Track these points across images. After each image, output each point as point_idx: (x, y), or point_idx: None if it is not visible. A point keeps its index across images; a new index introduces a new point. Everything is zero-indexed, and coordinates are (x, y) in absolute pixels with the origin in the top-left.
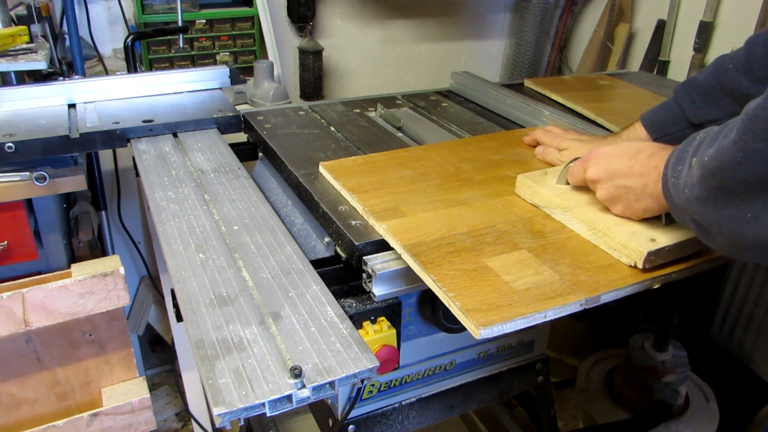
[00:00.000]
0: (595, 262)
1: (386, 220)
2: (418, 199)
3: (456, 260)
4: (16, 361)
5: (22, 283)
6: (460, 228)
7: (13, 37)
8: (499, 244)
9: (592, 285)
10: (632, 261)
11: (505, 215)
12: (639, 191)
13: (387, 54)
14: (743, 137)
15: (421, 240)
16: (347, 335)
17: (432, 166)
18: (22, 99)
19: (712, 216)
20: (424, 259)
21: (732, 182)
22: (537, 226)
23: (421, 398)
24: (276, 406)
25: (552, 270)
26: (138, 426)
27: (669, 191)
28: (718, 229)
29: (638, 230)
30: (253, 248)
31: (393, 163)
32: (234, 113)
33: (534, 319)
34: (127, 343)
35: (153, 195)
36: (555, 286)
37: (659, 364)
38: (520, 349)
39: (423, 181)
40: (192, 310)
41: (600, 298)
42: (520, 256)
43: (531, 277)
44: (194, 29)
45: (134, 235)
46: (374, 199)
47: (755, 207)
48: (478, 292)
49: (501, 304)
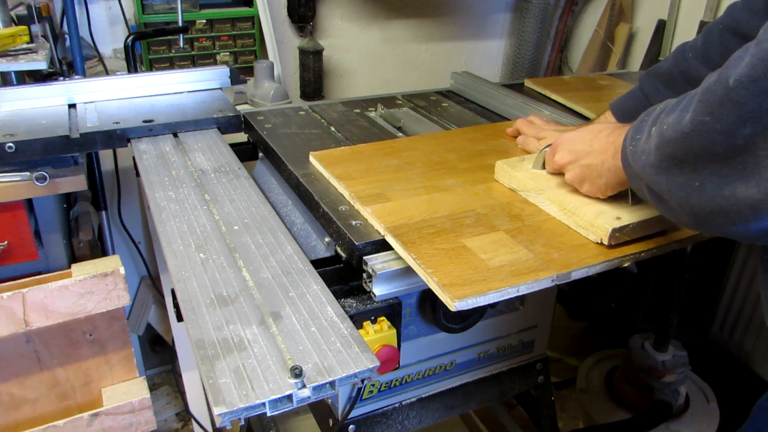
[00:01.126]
0: (568, 242)
1: (371, 205)
2: (402, 185)
3: (436, 240)
4: (17, 361)
5: (23, 283)
6: (441, 212)
7: (13, 37)
8: (478, 226)
9: (563, 262)
10: (599, 238)
11: (485, 200)
12: (599, 167)
13: (387, 54)
14: (696, 110)
15: (404, 222)
16: (348, 335)
17: (417, 155)
18: (22, 99)
19: (664, 183)
20: (405, 239)
21: (683, 152)
22: (514, 209)
23: (422, 398)
24: (276, 405)
25: (526, 249)
26: (138, 426)
27: (627, 161)
28: (669, 196)
29: (605, 209)
30: (254, 248)
31: (380, 153)
32: (234, 113)
33: (507, 293)
34: (127, 343)
35: (153, 195)
36: (528, 263)
37: (659, 364)
38: (520, 349)
39: (408, 169)
40: (192, 310)
41: (571, 275)
42: (496, 236)
43: (506, 256)
44: (194, 29)
45: (134, 235)
46: (361, 185)
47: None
48: (455, 269)
49: (476, 279)
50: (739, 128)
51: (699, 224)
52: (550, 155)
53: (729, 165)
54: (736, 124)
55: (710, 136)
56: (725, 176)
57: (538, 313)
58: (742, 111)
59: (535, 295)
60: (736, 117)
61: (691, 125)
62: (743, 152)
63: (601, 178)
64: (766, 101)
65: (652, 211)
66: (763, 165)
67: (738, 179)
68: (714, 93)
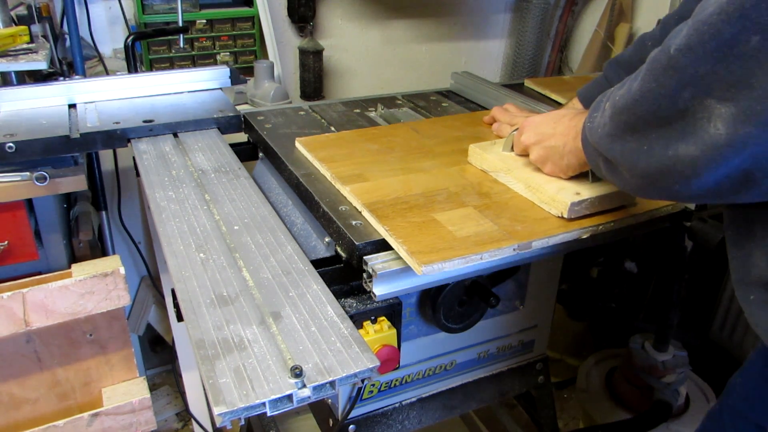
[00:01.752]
0: (531, 216)
1: (350, 184)
2: (381, 167)
3: (408, 215)
4: (17, 361)
5: (23, 283)
6: (416, 190)
7: (13, 37)
8: (449, 202)
9: (525, 234)
10: (559, 212)
11: (458, 180)
12: (561, 149)
13: (387, 54)
14: (643, 78)
15: (380, 199)
16: (348, 335)
17: (397, 141)
18: (22, 99)
19: (618, 150)
20: (380, 214)
21: (634, 117)
22: (484, 188)
23: (422, 398)
24: (276, 405)
25: (492, 222)
26: (138, 426)
27: (586, 137)
28: (621, 162)
29: (566, 186)
30: (254, 248)
31: (362, 139)
32: (234, 113)
33: (471, 260)
34: (127, 343)
35: (153, 195)
36: (493, 234)
37: (659, 364)
38: (520, 349)
39: (387, 153)
40: (192, 310)
41: (531, 245)
42: (465, 211)
43: (472, 228)
44: (194, 29)
45: (134, 235)
46: (342, 167)
47: (650, 140)
48: (424, 239)
49: (443, 247)
50: (679, 92)
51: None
52: (518, 137)
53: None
54: (677, 89)
55: (656, 101)
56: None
57: (538, 313)
58: (682, 76)
59: (535, 295)
60: (677, 82)
61: (639, 92)
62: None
63: (562, 159)
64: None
65: (610, 188)
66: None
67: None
68: (659, 62)
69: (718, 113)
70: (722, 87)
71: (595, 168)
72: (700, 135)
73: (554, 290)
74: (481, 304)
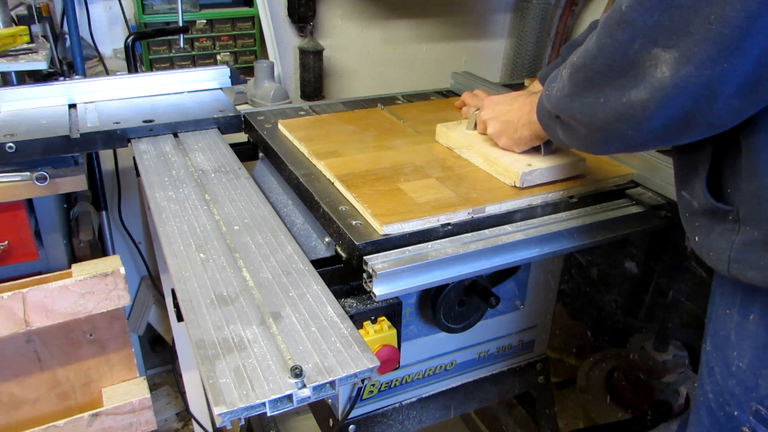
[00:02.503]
0: (488, 186)
1: (324, 159)
2: (355, 145)
3: (375, 184)
4: (17, 361)
5: (23, 283)
6: (385, 164)
7: (13, 37)
8: (414, 174)
9: (480, 200)
10: (513, 181)
11: (425, 156)
12: (516, 123)
13: (387, 54)
14: (599, 35)
15: (351, 172)
16: (348, 335)
17: (373, 123)
18: (22, 99)
19: (577, 107)
20: (350, 183)
21: (591, 73)
22: (448, 163)
23: (422, 398)
24: (276, 405)
25: (451, 191)
26: (138, 426)
27: (543, 107)
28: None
29: (520, 159)
30: (254, 248)
31: (340, 121)
32: (234, 113)
33: (428, 221)
34: (127, 343)
35: (153, 195)
36: (450, 200)
37: (659, 364)
38: (520, 349)
39: (362, 133)
40: (192, 310)
41: (485, 209)
42: (428, 182)
43: (432, 195)
44: (195, 29)
45: (135, 235)
46: (318, 145)
47: (605, 92)
48: (387, 204)
49: (403, 211)
50: (630, 44)
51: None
52: (479, 115)
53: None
54: (628, 41)
55: (611, 54)
56: (623, 87)
57: (538, 313)
58: (632, 29)
59: (535, 295)
60: (628, 35)
61: (596, 48)
62: (634, 64)
63: (516, 132)
64: (648, 19)
65: (559, 160)
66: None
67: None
68: (612, 19)
69: (663, 59)
70: (666, 35)
71: (552, 135)
72: (649, 80)
73: (554, 290)
74: (481, 304)
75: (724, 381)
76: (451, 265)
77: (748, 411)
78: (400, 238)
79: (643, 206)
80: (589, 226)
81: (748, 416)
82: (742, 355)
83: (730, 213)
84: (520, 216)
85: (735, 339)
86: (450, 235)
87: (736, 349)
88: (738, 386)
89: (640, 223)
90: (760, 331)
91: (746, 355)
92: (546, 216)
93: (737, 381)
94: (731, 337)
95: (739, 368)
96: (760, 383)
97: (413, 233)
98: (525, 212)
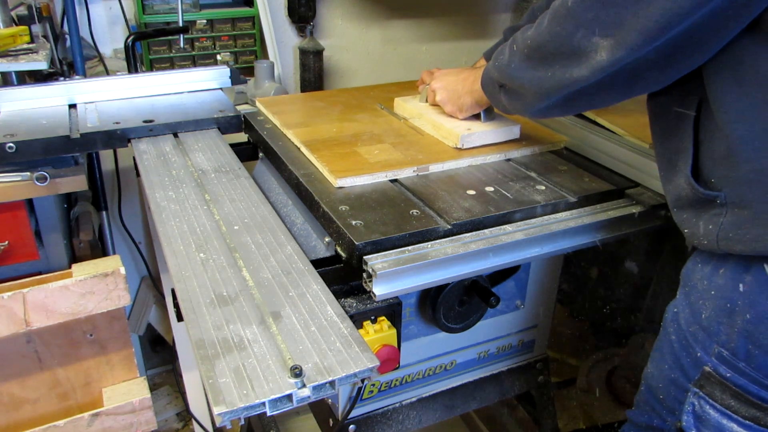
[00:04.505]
0: (434, 149)
1: (293, 129)
2: (322, 118)
3: (335, 148)
4: (17, 361)
5: (23, 284)
6: (347, 133)
7: (14, 38)
8: (370, 140)
9: (425, 160)
10: (454, 143)
11: (383, 126)
12: (460, 91)
13: (387, 54)
14: (549, 24)
15: (315, 139)
16: (347, 335)
17: (341, 100)
18: (23, 99)
19: (527, 77)
20: (313, 147)
21: (545, 53)
22: (402, 131)
23: (422, 398)
24: (276, 405)
25: (401, 153)
26: (139, 426)
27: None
28: (528, 86)
29: (462, 124)
30: (254, 248)
31: (312, 99)
32: (234, 113)
33: (377, 176)
34: (127, 343)
35: (153, 195)
36: (399, 160)
37: None
38: (520, 349)
39: (330, 108)
40: (192, 310)
41: (429, 168)
42: (382, 146)
43: (384, 156)
44: (195, 29)
45: (135, 235)
46: (289, 118)
47: (553, 68)
48: (343, 163)
49: (357, 168)
50: (576, 33)
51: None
52: (430, 85)
53: (570, 59)
54: (574, 31)
55: (560, 41)
56: (568, 65)
57: (538, 313)
58: (577, 21)
59: (535, 295)
60: (574, 26)
61: (548, 35)
62: (579, 49)
63: (460, 99)
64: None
65: (496, 126)
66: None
67: (574, 66)
68: (560, 12)
69: (601, 46)
70: (604, 27)
71: (495, 102)
72: (590, 62)
73: (554, 290)
74: (481, 304)
75: (688, 326)
76: (451, 265)
77: (711, 353)
78: (399, 239)
79: (643, 206)
80: (589, 226)
81: (710, 357)
82: (707, 305)
83: (717, 198)
84: (520, 216)
85: (702, 289)
86: (450, 234)
87: (702, 298)
88: (701, 331)
89: (640, 223)
90: (727, 284)
91: (711, 305)
92: (546, 216)
93: (700, 327)
94: (698, 287)
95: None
96: (721, 330)
97: (413, 233)
98: (525, 212)
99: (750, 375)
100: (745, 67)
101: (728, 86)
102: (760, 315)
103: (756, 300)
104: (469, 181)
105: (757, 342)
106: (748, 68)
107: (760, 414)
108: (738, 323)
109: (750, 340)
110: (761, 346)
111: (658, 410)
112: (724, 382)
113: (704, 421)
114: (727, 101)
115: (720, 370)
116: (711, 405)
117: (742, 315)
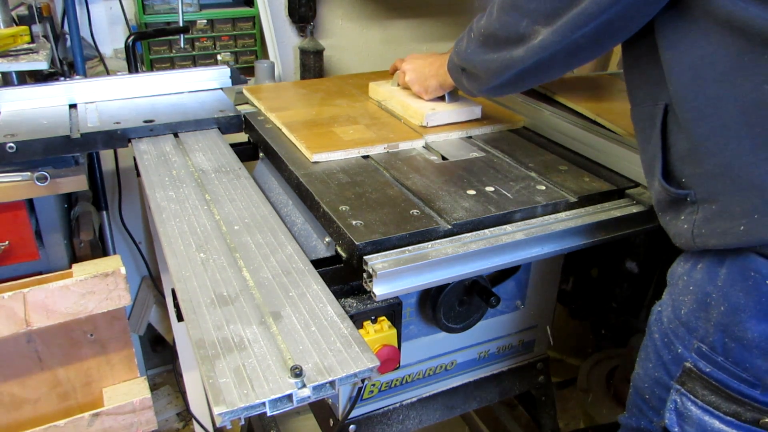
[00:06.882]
0: (404, 129)
1: (276, 112)
2: (303, 103)
3: (313, 129)
4: (18, 361)
5: (24, 283)
6: (325, 116)
7: (14, 38)
8: (346, 122)
9: (395, 139)
10: (420, 122)
11: (359, 110)
12: (427, 74)
13: (388, 54)
14: (498, 14)
15: (295, 120)
16: (348, 335)
17: (323, 88)
18: (23, 99)
19: (479, 60)
20: (293, 128)
21: (494, 39)
22: (376, 114)
23: (422, 398)
24: (276, 405)
25: (373, 133)
26: (139, 426)
27: (453, 62)
28: (481, 68)
29: (427, 104)
30: (254, 248)
31: (296, 87)
32: (235, 113)
33: (350, 153)
34: (128, 343)
35: (154, 195)
36: (371, 139)
37: None
38: (520, 349)
39: (312, 95)
40: (193, 310)
41: (398, 146)
42: (356, 127)
43: (358, 135)
44: (195, 29)
45: (135, 235)
46: (273, 103)
47: (501, 51)
48: (320, 141)
49: (332, 145)
50: (520, 22)
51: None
52: (401, 68)
53: (515, 42)
54: (520, 20)
55: (509, 28)
56: (512, 48)
57: (538, 313)
58: (522, 11)
59: (535, 295)
60: (519, 16)
61: (498, 23)
62: (523, 36)
63: (426, 81)
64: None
65: (459, 106)
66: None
67: (517, 48)
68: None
69: (542, 33)
70: (545, 17)
71: (459, 84)
72: (531, 46)
73: (554, 290)
74: (481, 304)
75: (669, 323)
76: (451, 265)
77: (691, 348)
78: (400, 239)
79: (643, 206)
80: (589, 226)
81: (690, 353)
82: (686, 300)
83: (688, 196)
84: (520, 216)
85: (682, 286)
86: (450, 234)
87: (683, 294)
88: (682, 327)
89: (640, 223)
90: (704, 280)
91: (690, 301)
92: (546, 216)
93: (680, 323)
94: (679, 284)
95: (683, 312)
96: (699, 325)
97: (413, 234)
98: (525, 212)
99: (729, 369)
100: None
101: (688, 86)
102: (733, 306)
103: (728, 292)
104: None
105: (732, 335)
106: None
107: (741, 409)
108: (714, 316)
109: (726, 333)
110: (736, 338)
111: (645, 411)
112: (704, 378)
113: (686, 418)
114: (688, 100)
115: (700, 365)
116: (692, 402)
117: (717, 308)
